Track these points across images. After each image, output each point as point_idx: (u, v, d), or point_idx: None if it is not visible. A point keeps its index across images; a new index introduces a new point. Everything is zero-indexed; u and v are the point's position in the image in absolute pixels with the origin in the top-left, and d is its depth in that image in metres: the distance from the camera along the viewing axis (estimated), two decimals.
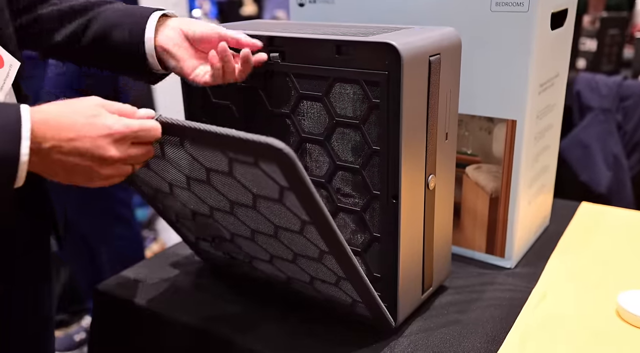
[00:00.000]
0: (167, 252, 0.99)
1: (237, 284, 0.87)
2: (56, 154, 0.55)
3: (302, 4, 0.96)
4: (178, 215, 0.83)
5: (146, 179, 0.76)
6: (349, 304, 0.73)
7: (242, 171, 0.59)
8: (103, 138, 0.57)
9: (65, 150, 0.55)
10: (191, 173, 0.67)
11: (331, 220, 0.58)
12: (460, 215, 0.92)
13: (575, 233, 1.01)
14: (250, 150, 0.55)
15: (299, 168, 0.53)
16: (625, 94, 1.87)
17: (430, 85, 0.67)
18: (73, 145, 0.56)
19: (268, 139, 0.52)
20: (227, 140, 0.56)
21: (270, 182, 0.57)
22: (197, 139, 0.60)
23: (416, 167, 0.69)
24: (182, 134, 0.61)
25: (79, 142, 0.56)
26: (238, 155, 0.57)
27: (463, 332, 0.74)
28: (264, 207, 0.63)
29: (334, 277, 0.68)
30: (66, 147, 0.55)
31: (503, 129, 0.84)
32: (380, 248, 0.73)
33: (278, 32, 0.72)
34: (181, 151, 0.63)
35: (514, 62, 0.80)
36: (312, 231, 0.61)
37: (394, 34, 0.67)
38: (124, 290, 0.87)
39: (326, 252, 0.63)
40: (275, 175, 0.55)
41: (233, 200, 0.66)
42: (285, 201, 0.59)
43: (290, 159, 0.52)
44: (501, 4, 0.78)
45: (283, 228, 0.65)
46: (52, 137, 0.55)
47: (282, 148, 0.52)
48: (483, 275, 0.89)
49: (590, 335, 0.73)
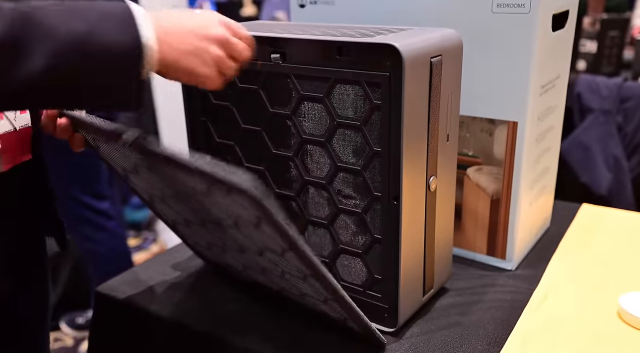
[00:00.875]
0: (168, 253, 0.99)
1: (237, 286, 0.87)
2: (171, 37, 0.57)
3: (302, 5, 0.96)
4: (174, 221, 0.82)
5: (141, 185, 0.76)
6: (341, 319, 0.72)
7: (219, 195, 0.58)
8: (210, 21, 0.61)
9: (179, 31, 0.58)
10: (176, 188, 0.66)
11: (307, 251, 0.57)
12: (461, 216, 0.92)
13: (576, 235, 1.01)
14: (222, 184, 0.54)
15: (267, 208, 0.52)
16: (625, 96, 1.87)
17: (431, 86, 0.67)
18: (184, 22, 0.59)
19: (236, 177, 0.51)
20: (194, 172, 0.55)
21: (245, 211, 0.57)
22: (173, 165, 0.59)
23: (417, 169, 0.69)
24: (156, 157, 0.60)
25: (190, 22, 0.59)
26: (213, 185, 0.56)
27: (464, 334, 0.74)
28: (245, 230, 0.63)
29: (322, 296, 0.68)
30: (179, 29, 0.58)
31: (504, 131, 0.84)
32: (381, 250, 0.72)
33: (279, 33, 0.72)
34: (163, 169, 0.63)
35: (515, 63, 0.80)
36: (291, 256, 0.61)
37: (395, 35, 0.67)
38: (124, 291, 0.86)
39: (309, 274, 0.63)
40: (248, 207, 0.55)
41: (218, 217, 0.66)
42: (263, 228, 0.58)
43: (258, 201, 0.51)
44: (502, 5, 0.78)
45: (267, 250, 0.65)
46: (167, 25, 0.58)
47: (247, 190, 0.51)
48: (484, 277, 0.88)
49: (592, 337, 0.73)
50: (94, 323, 0.90)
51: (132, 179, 0.76)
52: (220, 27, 0.61)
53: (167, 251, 1.00)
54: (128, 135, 0.60)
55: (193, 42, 0.59)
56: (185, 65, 0.59)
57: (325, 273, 0.61)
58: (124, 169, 0.74)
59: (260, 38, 0.73)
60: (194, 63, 0.59)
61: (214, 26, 0.61)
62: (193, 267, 0.93)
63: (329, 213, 0.76)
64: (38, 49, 0.49)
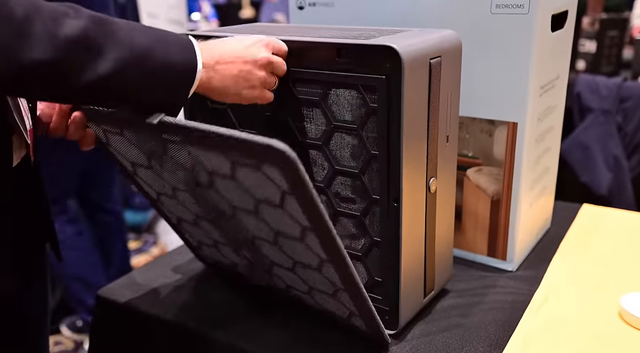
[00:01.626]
0: (168, 256, 0.99)
1: (238, 289, 0.86)
2: (220, 65, 0.66)
3: (301, 7, 0.96)
4: (180, 219, 0.82)
5: (149, 181, 0.76)
6: (345, 317, 0.72)
7: (244, 174, 0.58)
8: (256, 46, 0.69)
9: (227, 59, 0.66)
10: (193, 175, 0.66)
11: (332, 227, 0.58)
12: (461, 218, 0.92)
13: (577, 236, 1.01)
14: (252, 152, 0.54)
15: (301, 171, 0.53)
16: (625, 96, 1.87)
17: (431, 88, 0.67)
18: (231, 50, 0.67)
19: (271, 140, 0.52)
20: (230, 141, 0.56)
21: (272, 186, 0.57)
22: (200, 140, 0.59)
23: (417, 170, 0.69)
24: (185, 135, 0.61)
25: (237, 50, 0.68)
26: (241, 158, 0.57)
27: (465, 336, 0.74)
28: (265, 213, 0.63)
29: (331, 288, 0.68)
30: (228, 55, 0.67)
31: (504, 131, 0.84)
32: (381, 252, 0.72)
33: (277, 36, 0.72)
34: (184, 152, 0.63)
35: (515, 64, 0.80)
36: (312, 238, 0.61)
37: (394, 37, 0.67)
38: (125, 295, 0.86)
39: (325, 260, 0.63)
40: (277, 178, 0.55)
41: (235, 205, 0.66)
42: (287, 206, 0.58)
43: (293, 161, 0.52)
44: (501, 6, 0.78)
45: (283, 236, 0.65)
46: (216, 53, 0.66)
47: (284, 150, 0.52)
48: (485, 278, 0.88)
49: (593, 338, 0.73)
50: (95, 327, 0.90)
51: (141, 175, 0.76)
52: (264, 51, 0.68)
53: (167, 254, 1.00)
54: (154, 117, 0.62)
55: (242, 69, 0.67)
56: (234, 90, 0.68)
57: (346, 255, 0.61)
58: (133, 164, 0.74)
59: None
60: (241, 86, 0.68)
61: (259, 51, 0.68)
62: (194, 270, 0.93)
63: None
64: (109, 52, 0.56)
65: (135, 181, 0.80)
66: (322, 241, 0.60)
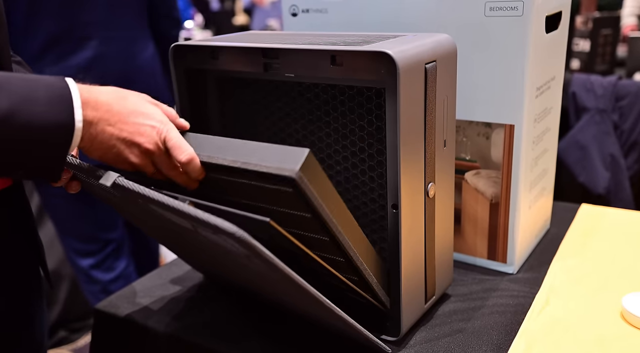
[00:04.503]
0: (167, 267, 0.98)
1: (236, 301, 0.86)
2: (106, 126, 0.59)
3: (295, 13, 0.96)
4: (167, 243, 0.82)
5: (130, 214, 0.75)
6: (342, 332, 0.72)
7: (206, 234, 0.57)
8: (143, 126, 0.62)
9: (113, 122, 0.60)
10: (164, 221, 0.65)
11: (298, 279, 0.56)
12: (460, 221, 0.92)
13: (576, 236, 1.01)
14: (208, 227, 0.53)
15: (256, 248, 0.51)
16: (620, 94, 1.87)
17: (426, 93, 0.67)
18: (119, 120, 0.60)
19: (221, 222, 0.50)
20: (185, 215, 0.54)
21: (234, 248, 0.56)
22: (159, 207, 0.58)
23: (415, 176, 0.68)
24: (144, 200, 0.59)
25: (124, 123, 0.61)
26: (198, 225, 0.55)
27: (467, 341, 0.74)
28: (238, 259, 0.62)
29: (322, 316, 0.67)
30: (114, 121, 0.60)
31: (501, 134, 0.83)
32: (381, 259, 0.72)
33: (271, 44, 0.72)
34: (150, 207, 0.62)
35: (510, 66, 0.80)
36: (286, 285, 0.60)
37: (388, 43, 0.67)
38: (123, 308, 0.86)
39: (305, 299, 0.62)
40: (236, 246, 0.54)
41: (209, 249, 0.65)
42: (253, 264, 0.57)
43: (244, 241, 0.50)
44: (495, 8, 0.78)
45: (261, 276, 0.64)
46: (103, 111, 0.59)
47: (233, 232, 0.50)
48: (485, 282, 0.88)
49: (596, 340, 0.72)
50: (94, 341, 0.89)
51: (120, 211, 0.75)
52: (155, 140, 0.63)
53: (165, 265, 1.00)
54: (107, 178, 0.60)
55: (117, 141, 0.61)
56: (106, 157, 0.62)
57: (325, 302, 0.59)
58: (110, 202, 0.74)
59: (253, 49, 0.73)
60: (112, 158, 0.62)
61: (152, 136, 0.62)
62: (192, 281, 0.93)
63: None
64: None
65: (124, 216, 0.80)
66: (295, 294, 0.59)
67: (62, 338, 1.92)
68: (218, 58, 0.76)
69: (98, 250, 1.66)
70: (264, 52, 0.72)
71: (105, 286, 1.67)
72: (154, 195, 0.56)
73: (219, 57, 0.76)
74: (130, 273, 1.74)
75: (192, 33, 4.73)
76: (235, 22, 5.14)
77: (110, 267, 1.68)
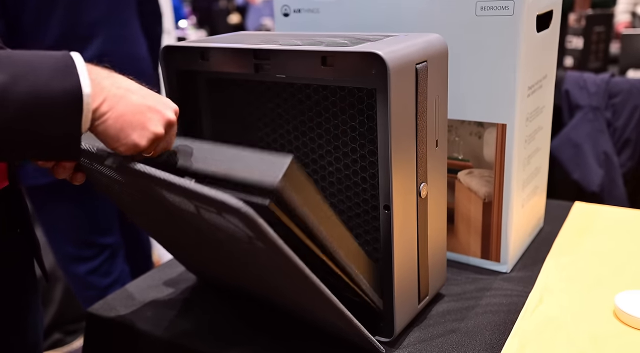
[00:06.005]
0: (160, 269, 0.98)
1: (231, 303, 0.86)
2: (115, 89, 0.57)
3: (286, 14, 0.95)
4: (162, 240, 0.82)
5: (129, 206, 0.75)
6: (337, 331, 0.72)
7: (209, 215, 0.57)
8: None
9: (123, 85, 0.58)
10: (164, 210, 0.65)
11: (302, 266, 0.56)
12: (454, 220, 0.92)
13: (570, 234, 1.01)
14: (212, 204, 0.53)
15: (260, 225, 0.51)
16: (613, 91, 1.87)
17: (418, 93, 0.67)
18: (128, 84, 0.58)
19: (227, 198, 0.50)
20: (190, 193, 0.54)
21: (237, 230, 0.56)
22: (161, 184, 0.58)
23: (407, 176, 0.68)
24: (150, 181, 0.59)
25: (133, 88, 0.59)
26: (202, 204, 0.55)
27: (461, 341, 0.74)
28: (239, 245, 0.62)
29: (321, 311, 0.67)
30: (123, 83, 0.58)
31: (493, 133, 0.83)
32: (373, 259, 0.72)
33: (262, 45, 0.72)
34: (155, 191, 0.62)
35: (501, 66, 0.80)
36: (287, 276, 0.60)
37: (379, 43, 0.66)
38: (116, 310, 0.85)
39: (308, 291, 0.62)
40: (240, 225, 0.54)
41: (209, 235, 0.65)
42: (256, 247, 0.57)
43: (249, 216, 0.50)
44: (486, 8, 0.78)
45: (263, 265, 0.64)
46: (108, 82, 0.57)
47: (239, 208, 0.50)
48: (479, 281, 0.88)
49: (589, 338, 0.73)
50: (87, 343, 0.89)
51: (119, 202, 0.75)
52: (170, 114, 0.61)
53: (160, 266, 0.99)
54: (112, 161, 0.60)
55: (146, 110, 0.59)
56: (131, 128, 0.58)
57: (325, 291, 0.59)
58: (107, 188, 0.73)
59: (243, 50, 0.72)
60: (138, 127, 0.59)
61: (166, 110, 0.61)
62: (186, 283, 0.92)
63: None
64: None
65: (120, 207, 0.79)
66: (296, 280, 0.59)
67: (56, 341, 1.91)
68: (208, 59, 0.76)
69: (94, 255, 1.64)
70: (255, 53, 0.72)
71: (102, 291, 1.66)
72: (161, 174, 0.56)
73: (209, 59, 0.76)
74: (126, 277, 1.73)
75: (187, 32, 4.72)
76: (230, 21, 5.13)
77: (108, 271, 1.67)
